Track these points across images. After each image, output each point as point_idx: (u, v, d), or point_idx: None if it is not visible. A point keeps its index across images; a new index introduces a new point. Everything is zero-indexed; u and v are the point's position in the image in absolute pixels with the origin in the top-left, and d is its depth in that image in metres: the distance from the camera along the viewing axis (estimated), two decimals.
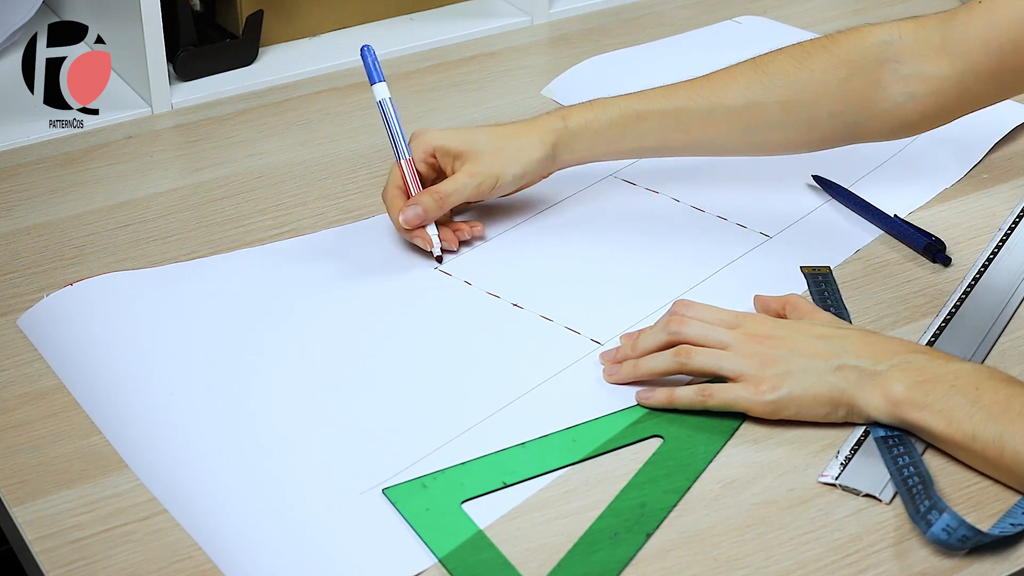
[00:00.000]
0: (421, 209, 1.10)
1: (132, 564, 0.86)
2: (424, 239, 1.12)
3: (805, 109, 1.11)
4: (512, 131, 1.14)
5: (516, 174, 1.12)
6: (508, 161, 1.12)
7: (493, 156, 1.12)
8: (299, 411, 0.98)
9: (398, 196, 1.12)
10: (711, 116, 1.12)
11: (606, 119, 1.13)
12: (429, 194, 1.11)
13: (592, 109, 1.14)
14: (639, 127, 1.13)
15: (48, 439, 0.95)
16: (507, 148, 1.12)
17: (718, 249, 1.15)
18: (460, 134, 1.14)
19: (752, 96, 1.11)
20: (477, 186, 1.11)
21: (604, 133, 1.13)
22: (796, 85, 1.10)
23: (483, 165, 1.11)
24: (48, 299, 1.07)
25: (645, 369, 0.98)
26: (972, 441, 0.90)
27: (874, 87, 1.09)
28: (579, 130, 1.13)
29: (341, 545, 0.87)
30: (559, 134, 1.13)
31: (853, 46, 1.10)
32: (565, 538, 0.87)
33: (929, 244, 1.14)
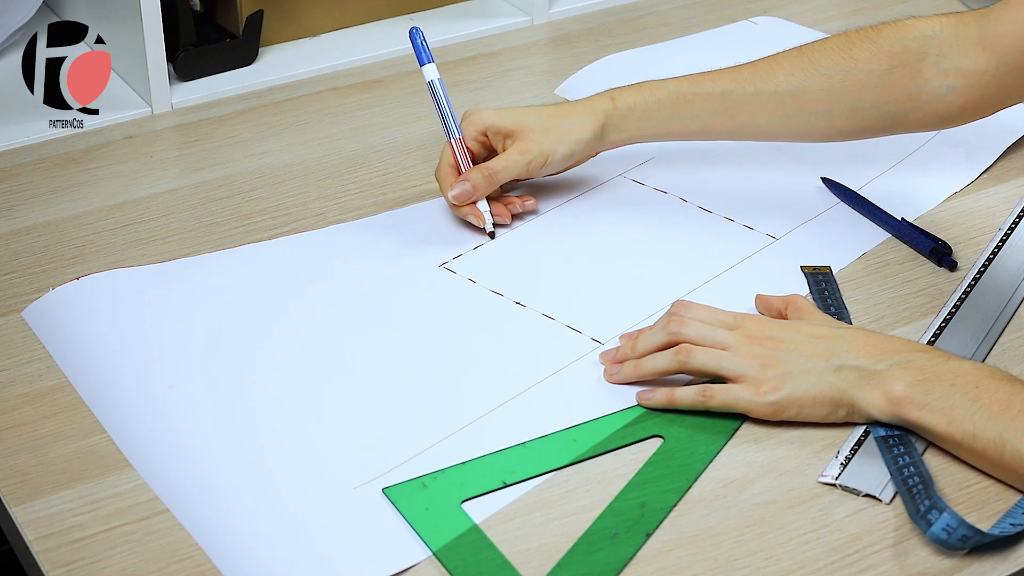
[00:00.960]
0: (471, 185, 1.14)
1: (132, 564, 0.86)
2: (476, 215, 1.15)
3: (849, 97, 1.13)
4: (562, 111, 1.17)
5: (565, 153, 1.15)
6: (558, 140, 1.15)
7: (543, 135, 1.14)
8: (298, 406, 0.98)
9: (450, 174, 1.15)
10: (756, 101, 1.14)
11: (654, 101, 1.16)
12: (479, 171, 1.14)
13: (641, 91, 1.16)
14: (685, 110, 1.16)
15: (48, 439, 0.95)
16: (557, 127, 1.15)
17: (724, 250, 1.15)
18: (511, 113, 1.17)
19: (797, 83, 1.13)
20: (527, 163, 1.14)
21: (651, 115, 1.16)
22: (840, 74, 1.12)
23: (533, 143, 1.14)
24: (54, 292, 1.08)
25: (646, 369, 0.98)
26: (972, 440, 0.90)
27: (916, 79, 1.11)
28: (627, 111, 1.16)
29: (337, 540, 0.87)
30: (608, 115, 1.16)
31: (897, 38, 1.12)
32: (565, 538, 0.87)
33: (935, 248, 1.14)
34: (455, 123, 1.16)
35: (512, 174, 1.15)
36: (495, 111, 1.17)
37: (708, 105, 1.15)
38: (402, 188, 1.25)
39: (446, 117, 1.16)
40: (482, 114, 1.17)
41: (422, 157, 1.30)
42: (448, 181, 1.15)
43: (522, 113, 1.17)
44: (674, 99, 1.15)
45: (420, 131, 1.34)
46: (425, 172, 1.27)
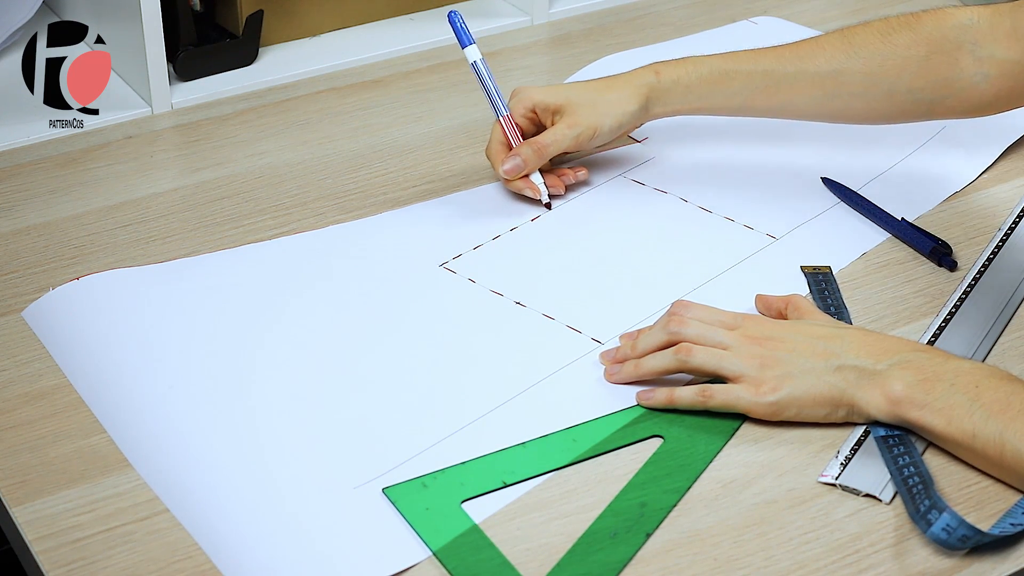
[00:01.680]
0: (521, 160, 1.17)
1: (132, 564, 0.86)
2: (532, 187, 1.19)
3: (886, 81, 1.15)
4: (607, 84, 1.20)
5: (612, 125, 1.18)
6: (604, 113, 1.18)
7: (590, 108, 1.18)
8: (299, 406, 0.98)
9: (501, 151, 1.19)
10: (796, 80, 1.17)
11: (696, 76, 1.18)
12: (528, 145, 1.18)
13: (684, 66, 1.19)
14: (727, 86, 1.18)
15: (48, 439, 0.96)
16: (603, 101, 1.18)
17: (724, 250, 1.15)
18: (558, 89, 1.21)
19: (837, 64, 1.16)
20: (575, 137, 1.17)
21: (694, 89, 1.18)
22: (879, 57, 1.15)
23: (581, 117, 1.17)
24: (54, 292, 1.08)
25: (646, 368, 0.99)
26: (972, 439, 0.90)
27: (952, 66, 1.13)
28: (671, 85, 1.18)
29: (337, 540, 0.87)
30: (652, 87, 1.18)
31: (935, 26, 1.14)
32: (565, 538, 0.87)
33: (935, 248, 1.14)
34: (502, 101, 1.20)
35: (561, 147, 1.18)
36: (543, 88, 1.21)
37: (749, 82, 1.18)
38: (402, 188, 1.25)
39: (492, 96, 1.20)
40: (530, 91, 1.20)
41: (422, 157, 1.30)
42: (499, 157, 1.19)
43: (569, 89, 1.20)
44: (716, 75, 1.18)
45: (420, 131, 1.34)
46: (425, 172, 1.27)
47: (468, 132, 1.34)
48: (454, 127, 1.35)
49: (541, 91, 1.20)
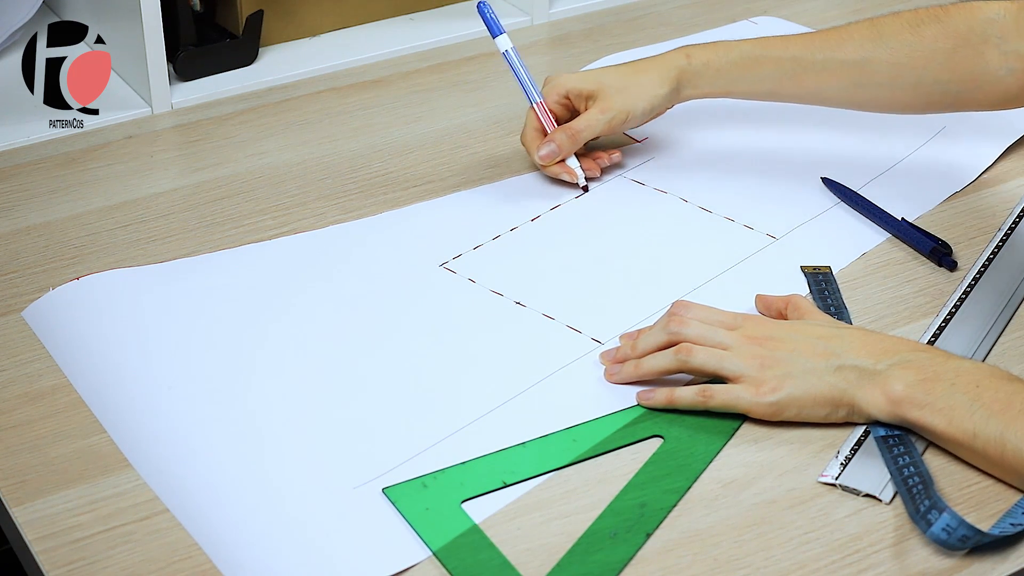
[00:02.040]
0: (556, 145, 1.20)
1: (132, 564, 0.86)
2: (568, 171, 1.22)
3: (913, 72, 1.16)
4: (638, 68, 1.22)
5: (645, 108, 1.20)
6: (636, 97, 1.20)
7: (622, 93, 1.20)
8: (298, 406, 0.98)
9: (536, 137, 1.22)
10: (825, 68, 1.18)
11: (727, 60, 1.20)
12: (563, 131, 1.21)
13: (715, 50, 1.21)
14: (756, 71, 1.20)
15: (48, 439, 0.95)
16: (634, 85, 1.20)
17: (724, 250, 1.15)
18: (590, 75, 1.23)
19: (865, 53, 1.17)
20: (608, 121, 1.20)
21: (724, 73, 1.20)
22: (907, 48, 1.16)
23: (613, 101, 1.20)
24: (54, 292, 1.08)
25: (646, 368, 0.99)
26: (973, 439, 0.90)
27: (978, 60, 1.15)
28: (701, 68, 1.20)
29: (337, 540, 0.87)
30: (682, 71, 1.20)
31: (963, 19, 1.16)
32: (565, 538, 0.87)
33: (935, 248, 1.14)
34: (535, 88, 1.23)
35: (594, 132, 1.20)
36: (575, 74, 1.23)
37: (778, 68, 1.19)
38: (402, 188, 1.25)
39: (525, 83, 1.23)
40: (562, 78, 1.23)
41: (422, 157, 1.30)
42: (534, 143, 1.22)
43: (601, 74, 1.22)
44: (746, 60, 1.20)
45: (420, 131, 1.34)
46: (425, 172, 1.27)
47: (468, 132, 1.34)
48: (454, 127, 1.35)
49: (573, 77, 1.23)
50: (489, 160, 1.29)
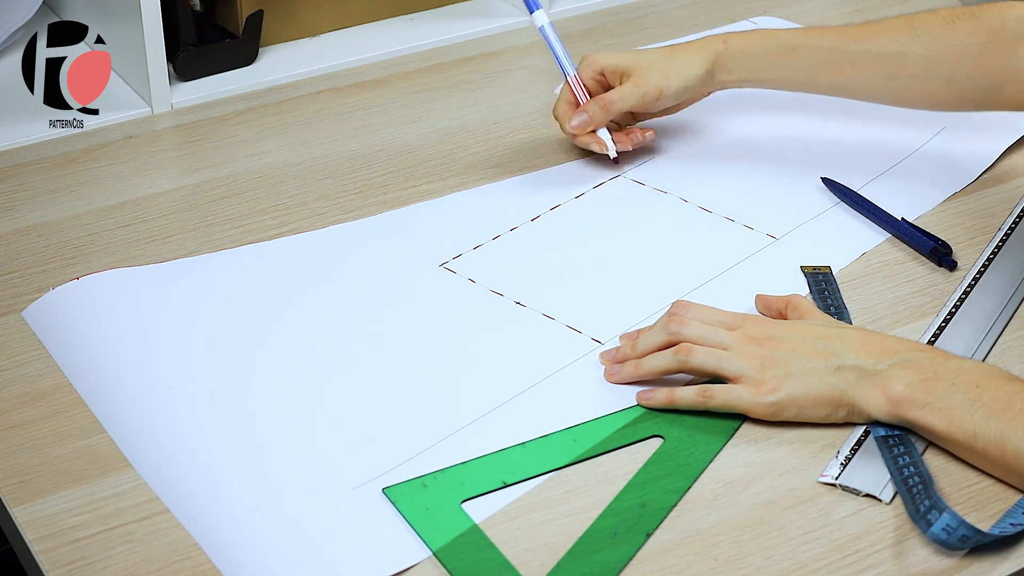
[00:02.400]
0: (588, 116, 1.21)
1: (132, 564, 0.86)
2: (599, 142, 1.23)
3: (946, 67, 1.17)
4: (675, 49, 1.23)
5: (679, 87, 1.21)
6: (672, 75, 1.20)
7: (658, 70, 1.21)
8: (298, 406, 0.98)
9: (568, 109, 1.23)
10: (860, 59, 1.19)
11: (764, 48, 1.21)
12: (595, 102, 1.21)
13: (752, 37, 1.22)
14: (793, 59, 1.20)
15: (48, 439, 0.96)
16: (671, 64, 1.21)
17: (724, 250, 1.15)
18: (626, 53, 1.24)
19: (899, 46, 1.18)
20: (642, 96, 1.20)
21: (760, 60, 1.21)
22: (940, 43, 1.17)
23: (648, 78, 1.21)
24: (54, 292, 1.08)
25: (646, 369, 0.99)
26: (973, 439, 0.90)
27: (1011, 57, 1.15)
28: (738, 54, 1.21)
29: (337, 540, 0.87)
30: (719, 55, 1.21)
31: (997, 17, 1.17)
32: (565, 538, 0.87)
33: (935, 248, 1.14)
34: (569, 61, 1.23)
35: (627, 105, 1.21)
36: (611, 52, 1.24)
37: (815, 58, 1.20)
38: (402, 188, 1.25)
39: (560, 57, 1.24)
40: (598, 55, 1.24)
41: (422, 157, 1.30)
42: (567, 115, 1.22)
43: (637, 52, 1.25)
44: (783, 48, 1.20)
45: (420, 131, 1.34)
46: (425, 172, 1.27)
47: (468, 132, 1.34)
48: (454, 127, 1.35)
49: (609, 55, 1.23)
50: (488, 160, 1.29)
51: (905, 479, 0.90)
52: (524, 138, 1.33)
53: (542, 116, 1.36)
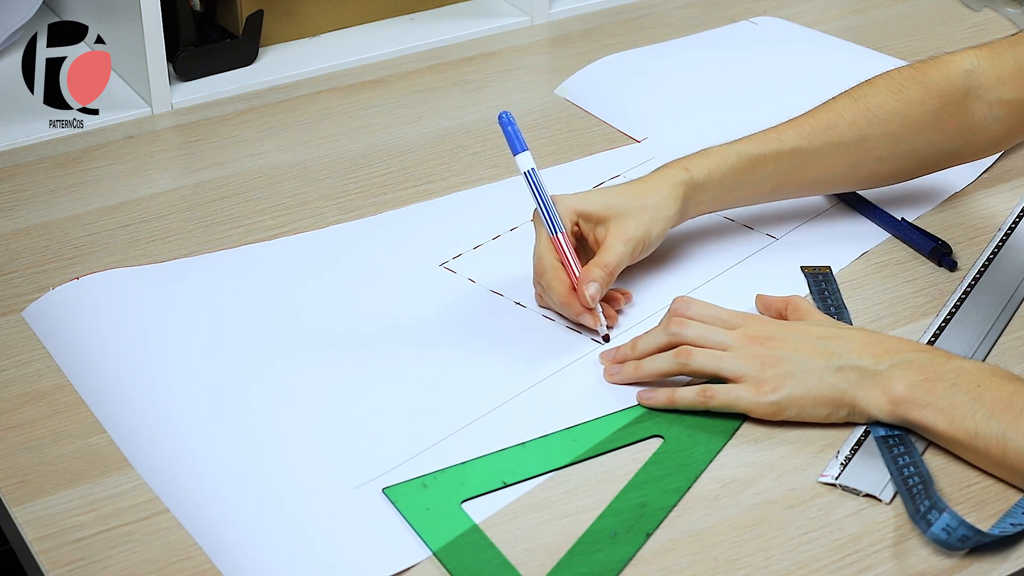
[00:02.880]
0: (599, 286, 1.04)
1: (132, 564, 0.86)
2: (594, 318, 1.05)
3: (907, 141, 1.15)
4: (642, 189, 1.09)
5: (659, 232, 1.08)
6: (652, 220, 1.08)
7: (636, 217, 1.07)
8: (298, 406, 0.98)
9: (559, 273, 1.05)
10: (823, 154, 1.13)
11: (727, 167, 1.11)
12: (600, 267, 1.05)
13: (711, 157, 1.11)
14: (758, 172, 1.12)
15: (49, 439, 0.96)
16: (645, 207, 1.08)
17: (724, 250, 1.15)
18: (597, 198, 1.09)
19: (859, 131, 1.14)
20: (631, 251, 1.07)
21: (726, 182, 1.11)
22: (898, 118, 1.14)
23: (630, 229, 1.07)
24: (54, 292, 1.08)
25: (647, 370, 0.99)
26: (974, 439, 0.90)
27: (964, 115, 1.14)
28: (704, 181, 1.10)
29: (337, 540, 0.87)
30: (687, 186, 1.09)
31: (941, 77, 1.14)
32: (565, 538, 0.87)
33: (935, 248, 1.14)
34: (557, 217, 1.06)
35: (622, 267, 1.07)
36: (581, 196, 1.09)
37: (779, 165, 1.13)
38: (402, 188, 1.25)
39: (549, 210, 1.06)
40: (569, 201, 1.08)
41: (422, 157, 1.30)
42: (558, 278, 1.05)
43: (607, 197, 1.08)
44: (745, 163, 1.11)
45: (420, 131, 1.34)
46: (425, 172, 1.27)
47: (468, 132, 1.34)
48: (454, 127, 1.35)
49: (582, 200, 1.08)
50: (489, 160, 1.29)
51: (905, 479, 0.90)
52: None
53: (542, 116, 1.36)
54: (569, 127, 1.35)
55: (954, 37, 1.51)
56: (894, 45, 1.50)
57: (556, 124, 1.35)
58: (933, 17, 1.57)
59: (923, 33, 1.53)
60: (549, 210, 1.06)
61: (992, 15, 1.57)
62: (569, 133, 1.34)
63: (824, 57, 1.47)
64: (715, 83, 1.41)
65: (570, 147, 1.31)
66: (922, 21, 1.56)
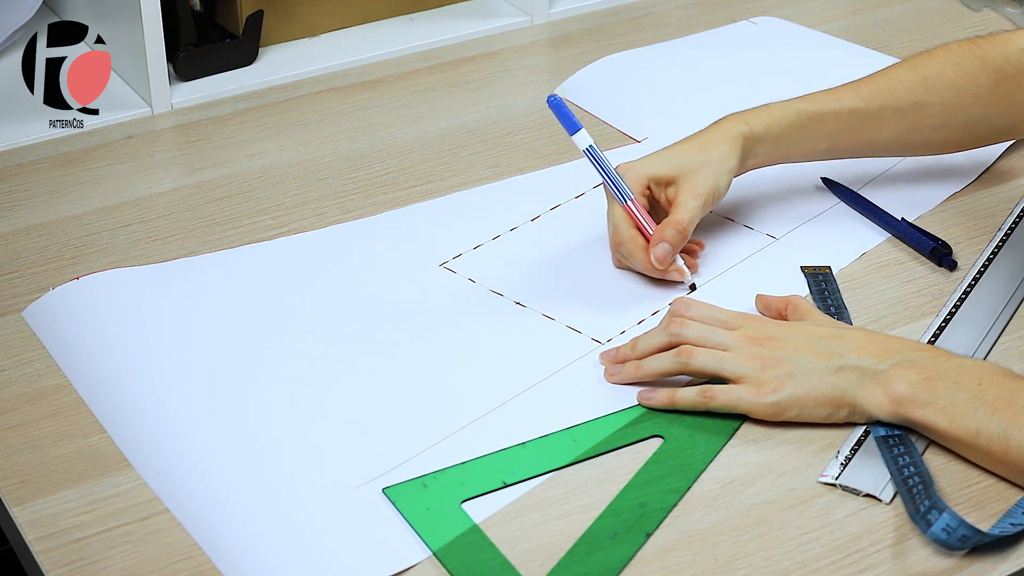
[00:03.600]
0: (669, 245, 1.08)
1: (132, 564, 0.86)
2: (678, 271, 1.10)
3: (962, 112, 1.16)
4: (705, 143, 1.13)
5: (725, 184, 1.12)
6: (718, 173, 1.11)
7: (703, 173, 1.11)
8: (298, 406, 0.98)
9: (636, 238, 1.10)
10: (880, 117, 1.16)
11: (786, 123, 1.14)
12: (672, 227, 1.09)
13: (770, 112, 1.15)
14: (815, 130, 1.15)
15: (49, 439, 0.95)
16: (710, 162, 1.11)
17: (724, 250, 1.15)
18: (664, 160, 1.12)
19: (915, 98, 1.16)
20: (703, 207, 1.10)
21: (784, 136, 1.15)
22: (954, 89, 1.16)
23: (699, 185, 1.10)
24: (54, 292, 1.08)
25: (647, 370, 0.99)
26: (976, 437, 0.90)
27: (1018, 92, 1.15)
28: (762, 134, 1.14)
29: (337, 540, 0.87)
30: (746, 139, 1.13)
31: (998, 53, 1.16)
32: (565, 538, 0.87)
33: (935, 248, 1.14)
34: (625, 184, 1.10)
35: (696, 222, 1.10)
36: (646, 161, 1.12)
37: (837, 124, 1.15)
38: (402, 188, 1.25)
39: (614, 181, 1.10)
40: (638, 167, 1.11)
41: (422, 157, 1.30)
42: (636, 243, 1.09)
43: (673, 157, 1.12)
44: (804, 119, 1.15)
45: (420, 131, 1.34)
46: (425, 172, 1.27)
47: (468, 132, 1.34)
48: (454, 127, 1.35)
49: (650, 165, 1.11)
50: (489, 160, 1.29)
51: (905, 479, 0.90)
52: (524, 138, 1.33)
53: (542, 116, 1.36)
54: None
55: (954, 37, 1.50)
56: (894, 45, 1.50)
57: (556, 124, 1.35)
58: (933, 17, 1.57)
59: (923, 33, 1.53)
60: (614, 180, 1.10)
61: (992, 15, 1.57)
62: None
63: (824, 57, 1.47)
64: (715, 83, 1.41)
65: (570, 147, 1.30)
66: (922, 21, 1.56)
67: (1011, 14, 1.57)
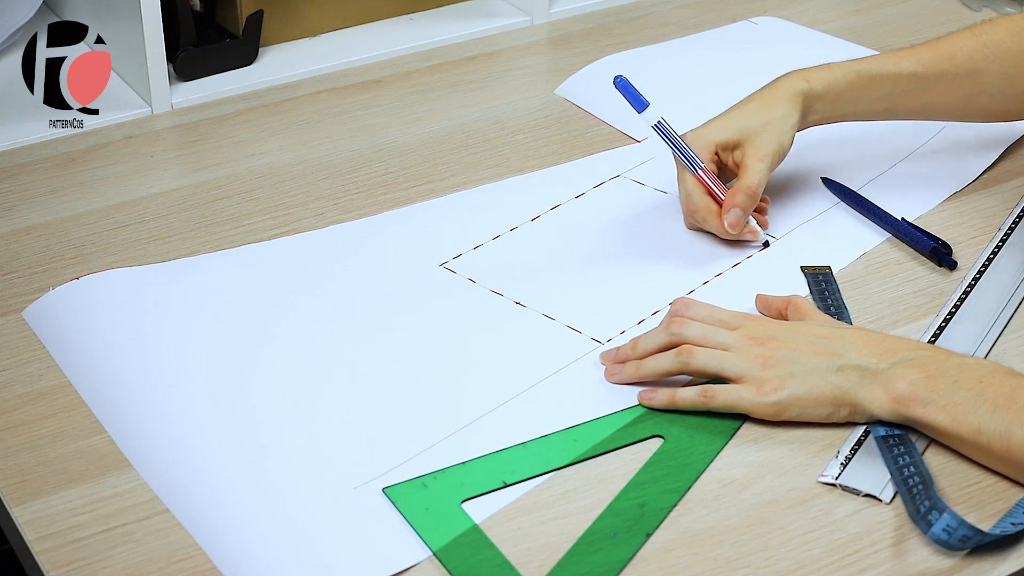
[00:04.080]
0: (741, 210, 1.12)
1: (132, 564, 0.86)
2: (751, 231, 1.15)
3: (1020, 82, 1.18)
4: (768, 102, 1.16)
5: (789, 141, 1.15)
6: (781, 132, 1.14)
7: (768, 133, 1.14)
8: (298, 406, 0.98)
9: (710, 204, 1.14)
10: (938, 82, 1.18)
11: (846, 83, 1.17)
12: (742, 193, 1.12)
13: (831, 71, 1.17)
14: (874, 91, 1.18)
15: (49, 439, 0.96)
16: (773, 121, 1.14)
17: (724, 250, 1.15)
18: (728, 124, 1.16)
19: (975, 65, 1.18)
20: (769, 167, 1.14)
21: (843, 95, 1.17)
22: (1014, 58, 1.17)
23: (764, 145, 1.14)
24: (54, 292, 1.08)
25: (647, 370, 0.99)
26: (978, 435, 0.90)
27: None
28: (823, 92, 1.16)
29: (337, 540, 0.87)
30: (806, 96, 1.16)
31: None
32: (565, 538, 0.87)
33: (935, 248, 1.14)
34: (694, 154, 1.13)
35: (764, 183, 1.14)
36: (711, 128, 1.16)
37: (896, 86, 1.18)
38: (402, 188, 1.25)
39: (684, 151, 1.13)
40: (705, 133, 1.15)
41: (422, 157, 1.30)
42: (711, 210, 1.13)
43: (736, 120, 1.16)
44: (864, 80, 1.17)
45: (420, 131, 1.34)
46: (425, 172, 1.27)
47: (468, 132, 1.34)
48: (454, 127, 1.35)
49: (715, 131, 1.15)
50: (489, 160, 1.29)
51: (905, 479, 0.90)
52: (524, 138, 1.33)
53: (542, 116, 1.36)
54: (569, 127, 1.35)
55: None
56: (894, 45, 1.49)
57: (556, 124, 1.35)
58: (933, 17, 1.58)
59: (923, 33, 1.53)
60: (684, 151, 1.13)
61: (992, 15, 1.57)
62: (569, 133, 1.34)
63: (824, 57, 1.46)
64: (715, 83, 1.41)
65: (570, 147, 1.31)
66: (922, 21, 1.57)
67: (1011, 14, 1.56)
